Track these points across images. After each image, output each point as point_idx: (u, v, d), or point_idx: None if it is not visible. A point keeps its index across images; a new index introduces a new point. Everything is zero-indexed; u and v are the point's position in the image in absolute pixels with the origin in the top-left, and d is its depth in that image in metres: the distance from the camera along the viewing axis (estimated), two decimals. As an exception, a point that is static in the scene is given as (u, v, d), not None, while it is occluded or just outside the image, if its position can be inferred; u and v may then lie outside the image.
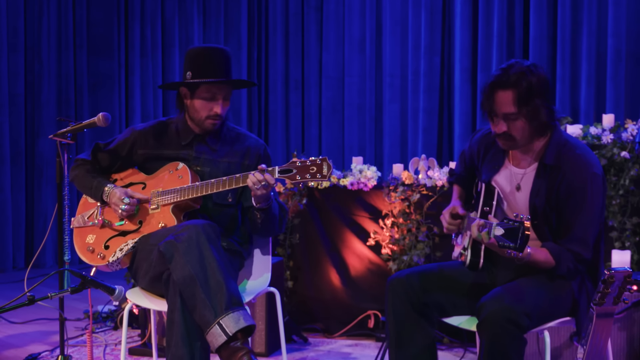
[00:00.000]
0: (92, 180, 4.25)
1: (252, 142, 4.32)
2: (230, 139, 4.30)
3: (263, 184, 3.85)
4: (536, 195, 3.54)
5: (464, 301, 3.68)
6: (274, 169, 3.85)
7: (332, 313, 5.59)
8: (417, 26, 8.25)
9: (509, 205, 3.64)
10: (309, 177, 3.80)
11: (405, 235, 5.37)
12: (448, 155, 8.16)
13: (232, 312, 3.66)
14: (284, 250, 5.60)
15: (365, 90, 8.61)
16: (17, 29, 8.02)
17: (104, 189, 4.19)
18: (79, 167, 4.33)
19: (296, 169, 3.81)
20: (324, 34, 8.84)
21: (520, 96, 3.46)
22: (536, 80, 3.46)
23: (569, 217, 3.49)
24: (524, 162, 3.62)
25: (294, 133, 9.05)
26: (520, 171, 3.63)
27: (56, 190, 4.56)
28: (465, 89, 8.00)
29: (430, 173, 5.40)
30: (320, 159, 3.80)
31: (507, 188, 3.64)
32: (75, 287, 3.48)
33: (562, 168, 3.50)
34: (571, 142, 3.57)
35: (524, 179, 3.61)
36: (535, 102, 3.47)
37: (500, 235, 3.26)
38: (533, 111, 3.47)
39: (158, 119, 4.49)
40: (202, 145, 4.23)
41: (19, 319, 5.92)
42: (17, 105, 8.05)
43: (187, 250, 3.73)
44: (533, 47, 7.60)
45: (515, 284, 3.50)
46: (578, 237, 3.47)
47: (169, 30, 8.75)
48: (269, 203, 4.02)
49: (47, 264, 8.11)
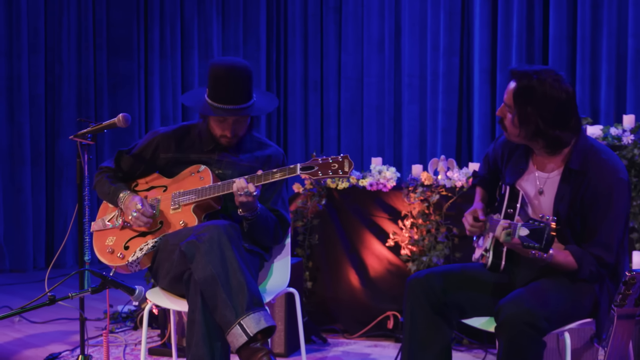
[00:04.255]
0: (110, 187, 4.28)
1: (273, 151, 4.37)
2: (251, 147, 4.33)
3: (245, 192, 3.88)
4: (560, 201, 3.51)
5: (484, 302, 3.67)
6: (296, 166, 3.87)
7: (351, 314, 5.58)
8: (436, 26, 8.22)
9: (533, 209, 3.62)
10: (330, 173, 3.82)
11: (425, 236, 5.36)
12: (467, 156, 8.13)
13: (253, 313, 3.67)
14: (303, 250, 5.60)
15: (384, 91, 8.59)
16: (37, 30, 8.05)
17: (119, 195, 4.22)
18: (101, 174, 4.38)
19: (318, 165, 3.83)
20: (343, 35, 8.82)
21: (516, 93, 3.47)
22: (540, 89, 3.42)
23: (593, 222, 3.47)
24: (548, 166, 3.60)
25: (313, 134, 9.04)
26: (544, 175, 3.60)
27: (76, 190, 4.58)
28: (484, 89, 7.97)
29: (449, 174, 5.39)
30: (342, 156, 3.83)
31: (531, 192, 3.63)
32: (96, 287, 3.50)
33: (588, 174, 3.47)
34: (597, 147, 3.55)
35: (548, 183, 3.58)
36: (527, 109, 3.45)
37: (524, 236, 3.24)
38: (523, 115, 3.46)
39: (180, 123, 4.51)
40: (224, 152, 4.26)
41: (39, 318, 5.95)
42: (37, 106, 8.07)
43: (208, 250, 3.75)
44: (553, 47, 7.56)
45: (535, 285, 3.49)
46: (602, 242, 3.45)
47: (188, 32, 8.75)
48: (254, 214, 4.03)
49: (68, 264, 8.13)
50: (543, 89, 3.43)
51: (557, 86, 3.44)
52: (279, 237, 4.28)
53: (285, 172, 3.92)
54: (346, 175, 3.82)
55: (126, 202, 4.17)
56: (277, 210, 4.27)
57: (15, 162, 7.99)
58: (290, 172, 3.92)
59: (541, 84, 3.43)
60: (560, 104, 3.44)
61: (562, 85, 3.45)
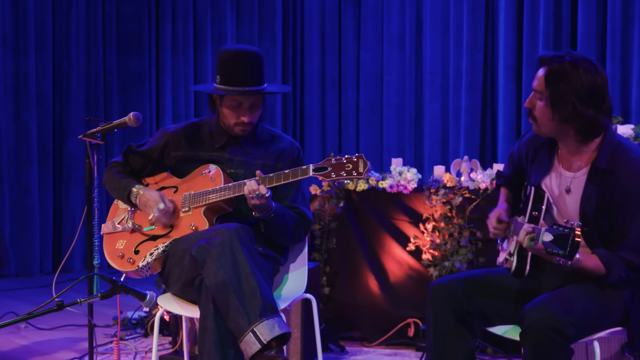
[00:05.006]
0: (121, 181, 4.29)
1: (287, 145, 4.35)
2: (264, 140, 4.33)
3: (257, 194, 3.88)
4: (587, 201, 3.49)
5: (508, 309, 3.66)
6: (308, 167, 3.87)
7: (370, 321, 5.58)
8: (459, 22, 8.21)
9: (559, 210, 3.60)
10: (344, 174, 3.81)
11: (447, 240, 5.35)
12: (491, 157, 8.12)
13: (267, 319, 3.67)
14: (320, 255, 5.61)
15: (404, 89, 8.59)
16: (45, 25, 8.09)
17: (131, 189, 4.23)
18: (111, 169, 4.39)
19: (331, 166, 3.83)
20: (362, 31, 8.82)
21: (548, 74, 3.45)
22: (573, 69, 3.40)
23: (622, 223, 3.44)
24: (574, 164, 3.58)
25: (331, 134, 9.04)
26: (570, 174, 3.59)
27: (85, 192, 4.60)
28: (509, 87, 7.95)
29: (473, 175, 5.38)
30: (357, 156, 3.81)
31: (556, 192, 3.61)
32: (105, 292, 3.49)
33: (616, 172, 3.44)
34: (625, 144, 3.52)
35: (574, 182, 3.57)
36: (560, 87, 3.42)
37: (548, 242, 3.23)
38: (556, 94, 3.43)
39: (190, 119, 4.52)
40: (236, 148, 4.26)
41: (46, 325, 5.97)
42: (44, 105, 8.11)
43: (220, 254, 3.75)
44: (581, 43, 7.54)
45: (562, 291, 3.48)
46: (631, 245, 3.43)
47: (201, 27, 8.77)
48: (269, 214, 4.04)
49: (76, 268, 8.16)
50: (576, 70, 3.41)
51: (591, 69, 3.43)
52: (300, 235, 4.28)
53: (297, 174, 3.92)
54: (361, 176, 3.81)
55: (143, 198, 4.18)
56: (297, 207, 4.27)
57: (22, 162, 8.03)
58: (303, 174, 3.91)
59: (574, 66, 3.42)
60: (595, 85, 3.42)
61: (597, 70, 3.44)
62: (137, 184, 4.28)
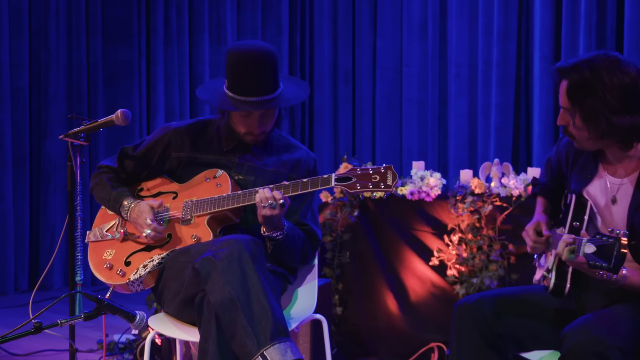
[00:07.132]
0: (111, 191, 4.27)
1: (302, 155, 4.36)
2: (278, 148, 4.34)
3: (270, 203, 3.87)
4: (635, 210, 3.50)
5: (546, 332, 3.66)
6: (330, 176, 3.86)
7: (388, 345, 5.59)
8: (489, 7, 8.21)
9: (604, 220, 3.60)
10: (371, 186, 3.81)
11: (475, 254, 5.36)
12: (525, 160, 8.12)
13: (279, 343, 3.66)
14: (332, 270, 5.61)
15: (427, 83, 8.59)
16: (20, 11, 8.09)
17: (122, 203, 4.21)
18: (100, 174, 4.36)
19: (356, 177, 3.82)
20: (379, 17, 8.83)
21: (569, 90, 3.46)
22: (595, 78, 3.40)
23: (674, 236, 3.45)
24: (621, 170, 3.59)
25: (343, 133, 9.05)
26: (617, 181, 3.59)
27: (66, 199, 4.61)
28: (546, 81, 7.95)
29: (504, 180, 5.38)
30: (385, 167, 3.81)
31: (601, 201, 3.61)
32: (89, 312, 3.50)
33: (667, 178, 3.46)
34: (677, 147, 3.53)
35: (621, 190, 3.57)
36: (587, 102, 3.42)
37: (591, 254, 3.23)
38: (586, 112, 3.44)
39: (197, 118, 4.50)
40: (247, 153, 4.26)
41: (21, 350, 5.98)
42: (20, 101, 8.12)
43: (227, 268, 3.74)
44: (628, 31, 7.53)
45: (607, 311, 3.47)
46: (685, 260, 3.44)
47: (197, 13, 8.78)
48: (280, 234, 4.04)
49: (55, 285, 8.17)
50: (599, 76, 3.41)
51: (614, 69, 3.42)
52: (308, 257, 4.28)
53: (317, 183, 3.90)
54: (389, 189, 3.80)
55: (133, 213, 4.18)
56: (306, 225, 4.27)
57: (-5, 165, 8.05)
58: (324, 183, 3.89)
59: (595, 73, 3.41)
60: (624, 86, 3.41)
61: (622, 68, 3.43)
62: (129, 196, 4.26)
